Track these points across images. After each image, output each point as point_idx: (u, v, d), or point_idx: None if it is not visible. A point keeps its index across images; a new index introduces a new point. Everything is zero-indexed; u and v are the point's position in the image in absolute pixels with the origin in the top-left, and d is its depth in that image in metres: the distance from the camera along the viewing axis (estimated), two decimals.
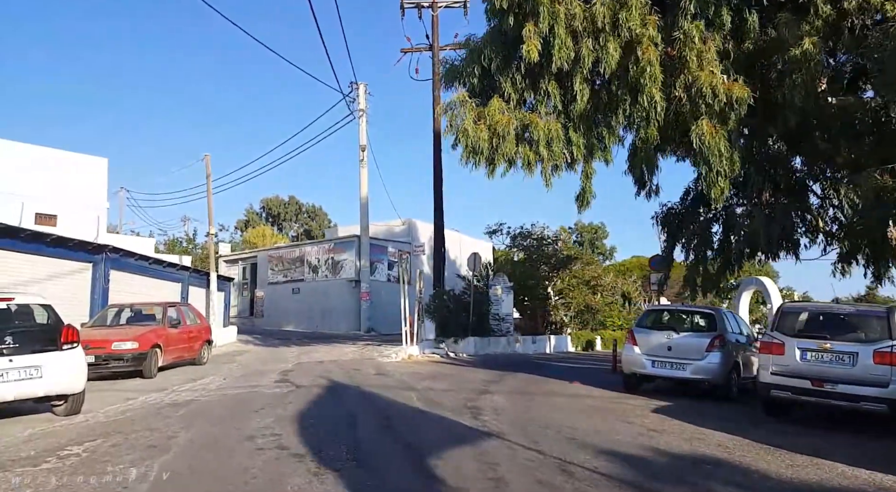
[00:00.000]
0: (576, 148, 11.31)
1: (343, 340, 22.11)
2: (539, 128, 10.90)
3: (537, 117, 11.03)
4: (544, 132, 10.87)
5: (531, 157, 10.94)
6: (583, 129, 11.34)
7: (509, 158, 11.00)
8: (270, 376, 11.89)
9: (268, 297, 30.42)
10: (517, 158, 11.07)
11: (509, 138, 10.77)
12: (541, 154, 10.91)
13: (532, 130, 10.89)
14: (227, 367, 14.07)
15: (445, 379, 12.07)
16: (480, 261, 21.45)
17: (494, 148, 10.83)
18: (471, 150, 10.86)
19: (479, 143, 10.72)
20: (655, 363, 10.86)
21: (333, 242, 28.09)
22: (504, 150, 10.80)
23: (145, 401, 9.11)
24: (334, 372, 12.49)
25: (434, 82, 23.99)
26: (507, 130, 10.76)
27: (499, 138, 10.78)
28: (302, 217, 68.63)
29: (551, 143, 10.88)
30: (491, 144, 10.82)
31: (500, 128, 10.77)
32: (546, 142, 10.88)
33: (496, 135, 10.81)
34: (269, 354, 17.23)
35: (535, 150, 10.96)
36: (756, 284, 24.12)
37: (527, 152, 10.95)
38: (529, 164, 11.02)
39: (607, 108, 11.24)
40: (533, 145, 10.98)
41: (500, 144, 10.76)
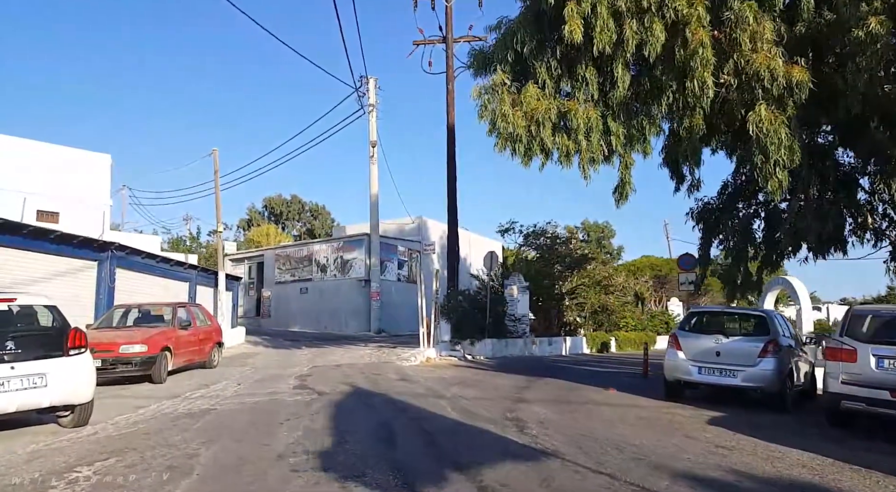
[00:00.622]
0: (615, 138, 10.58)
1: (354, 342, 21.41)
2: (578, 116, 10.18)
3: (576, 104, 10.31)
4: (583, 120, 10.15)
5: (570, 146, 10.21)
6: (622, 117, 10.62)
7: (546, 147, 10.28)
8: (288, 382, 11.19)
9: (275, 297, 29.72)
10: (554, 149, 10.34)
11: (547, 126, 10.06)
12: (579, 144, 10.19)
13: (571, 117, 10.17)
14: (239, 370, 13.37)
15: (473, 385, 11.36)
16: (497, 260, 20.72)
17: (532, 136, 10.11)
18: (507, 137, 10.15)
19: (517, 130, 10.00)
20: (702, 370, 10.13)
21: (342, 241, 27.37)
22: (541, 138, 10.08)
23: (158, 410, 8.40)
24: (354, 377, 11.78)
25: (448, 76, 23.29)
26: (546, 117, 10.05)
27: (536, 126, 10.07)
28: (305, 216, 68.04)
29: (590, 132, 10.17)
30: (528, 131, 10.10)
31: (538, 115, 10.06)
32: (585, 131, 10.16)
33: (534, 122, 10.10)
34: (281, 357, 16.52)
35: (574, 139, 10.23)
36: (782, 285, 23.35)
37: (564, 142, 10.23)
38: (568, 154, 10.29)
39: (648, 96, 10.52)
40: (571, 134, 10.26)
41: (538, 132, 10.05)
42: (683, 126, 10.65)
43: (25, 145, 23.37)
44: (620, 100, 10.59)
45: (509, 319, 20.85)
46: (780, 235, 12.17)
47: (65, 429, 7.20)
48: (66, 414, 7.26)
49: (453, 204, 21.94)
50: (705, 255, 13.85)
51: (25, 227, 13.47)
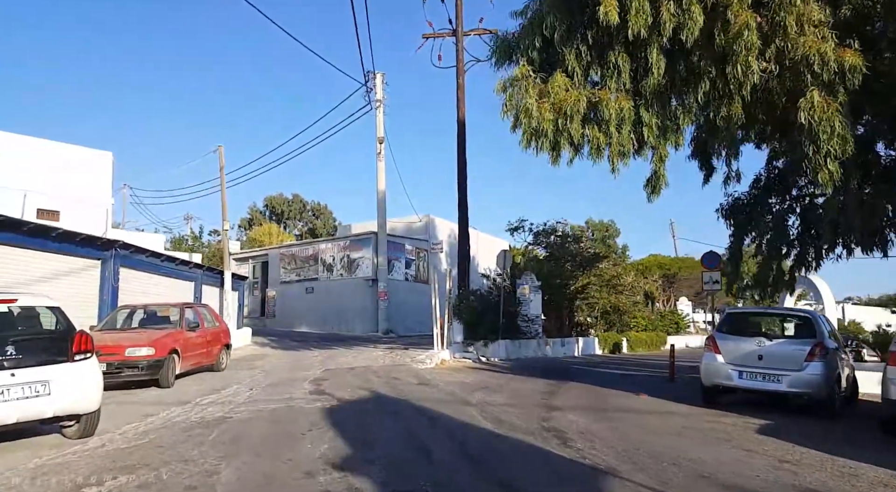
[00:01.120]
0: (647, 129, 10.01)
1: (363, 343, 20.86)
2: (609, 106, 9.61)
3: (607, 94, 9.74)
4: (615, 111, 9.58)
5: (601, 139, 9.64)
6: (656, 107, 10.05)
7: (575, 141, 9.71)
8: (302, 386, 10.62)
9: (279, 296, 29.16)
10: (584, 142, 9.77)
11: (576, 118, 9.49)
12: (611, 136, 9.62)
13: (602, 108, 9.59)
14: (248, 374, 12.81)
15: (497, 391, 10.79)
16: (511, 259, 20.16)
17: (560, 129, 9.54)
18: (533, 132, 9.57)
19: (543, 124, 9.43)
20: (743, 374, 9.56)
21: (349, 240, 26.79)
22: (571, 131, 9.52)
23: (168, 418, 7.84)
24: (372, 381, 11.22)
25: (458, 69, 22.72)
26: (575, 109, 9.47)
27: (565, 118, 9.50)
28: (306, 215, 67.51)
29: (622, 123, 9.60)
30: (556, 124, 9.53)
31: (567, 106, 9.49)
32: (617, 122, 9.60)
33: (562, 114, 9.53)
34: (290, 359, 15.96)
35: (605, 131, 9.66)
36: (805, 284, 22.90)
37: (595, 134, 9.65)
38: (598, 147, 9.72)
39: (684, 84, 9.94)
40: (602, 126, 9.69)
41: (567, 125, 9.48)
42: (720, 115, 10.05)
43: (25, 142, 22.81)
44: (653, 88, 10.01)
45: (522, 320, 20.30)
46: (819, 230, 11.59)
47: (69, 440, 6.64)
48: (70, 424, 6.71)
49: (464, 201, 21.37)
50: (737, 252, 13.26)
51: (26, 224, 12.91)
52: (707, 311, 57.01)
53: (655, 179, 10.11)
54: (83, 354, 6.65)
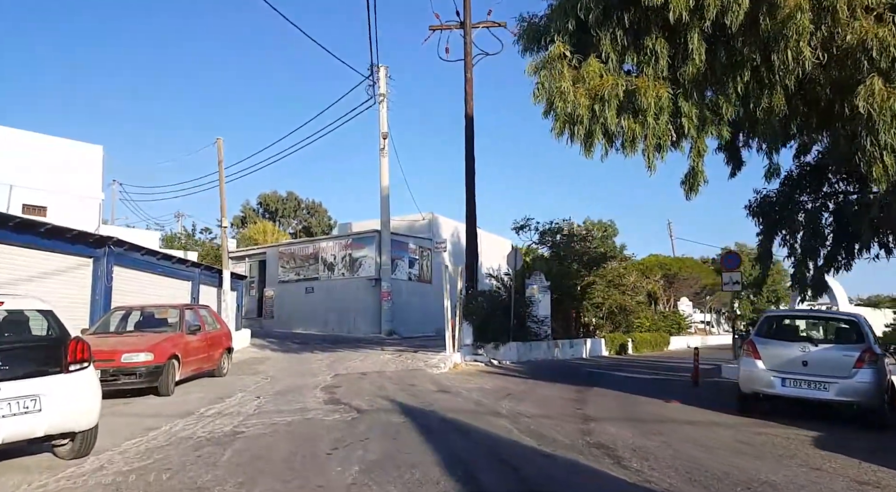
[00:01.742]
0: (686, 120, 9.34)
1: (367, 345, 20.10)
2: (647, 94, 8.93)
3: (645, 81, 9.05)
4: (654, 99, 8.90)
5: (636, 130, 8.95)
6: (696, 96, 9.38)
7: (609, 131, 9.02)
8: (314, 394, 9.88)
9: (278, 296, 28.33)
10: (619, 133, 9.08)
11: (613, 106, 8.81)
12: (648, 127, 8.94)
13: (640, 96, 8.91)
14: (252, 380, 12.04)
15: (522, 398, 10.08)
16: (521, 258, 19.47)
17: (595, 117, 8.86)
18: (567, 118, 8.88)
19: (579, 110, 8.74)
20: (787, 382, 8.90)
21: (351, 238, 26.00)
22: (607, 119, 8.83)
23: (173, 433, 7.08)
24: (388, 388, 10.49)
25: (466, 63, 22.00)
26: (613, 95, 8.80)
27: (601, 105, 8.81)
28: (301, 213, 66.48)
29: (660, 113, 8.93)
30: (591, 111, 8.84)
31: (603, 92, 8.81)
32: (655, 112, 8.92)
33: (598, 101, 8.84)
34: (294, 363, 15.19)
35: (642, 121, 8.98)
36: None
37: (630, 125, 8.96)
38: (634, 139, 9.03)
39: (725, 72, 9.27)
40: (638, 116, 9.00)
41: (602, 113, 8.80)
42: (761, 107, 9.41)
43: (10, 135, 21.83)
44: (692, 77, 9.36)
45: (532, 321, 19.64)
46: (856, 229, 10.98)
47: (63, 461, 5.87)
48: (64, 443, 5.94)
49: (472, 198, 20.67)
50: (766, 252, 12.64)
51: (12, 218, 12.06)
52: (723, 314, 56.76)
53: (693, 175, 9.44)
54: (79, 364, 5.89)
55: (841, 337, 9.22)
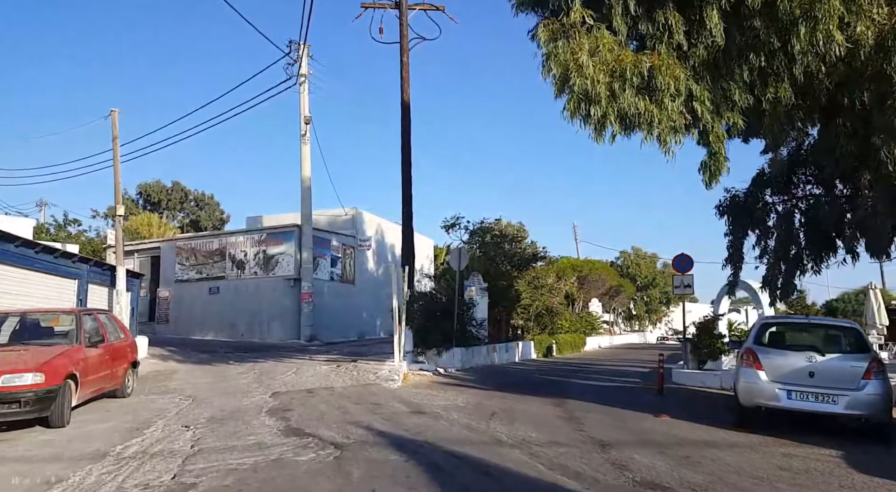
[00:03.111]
0: (699, 104, 8.38)
1: (290, 353, 17.97)
2: (663, 74, 7.88)
3: (659, 59, 7.99)
4: (671, 80, 7.87)
5: (654, 113, 7.87)
6: (708, 79, 8.46)
7: (629, 112, 7.88)
8: (263, 422, 7.97)
9: (175, 298, 25.20)
10: (634, 116, 7.94)
11: (632, 85, 7.69)
12: (666, 110, 7.90)
13: (656, 75, 7.84)
14: (169, 401, 9.84)
15: (510, 418, 8.71)
16: (467, 257, 18.18)
17: (614, 95, 7.69)
18: (582, 96, 7.64)
19: (597, 88, 7.53)
20: (793, 394, 8.21)
21: (266, 233, 23.50)
22: (626, 100, 7.69)
23: (85, 488, 5.07)
24: (352, 411, 8.75)
25: (402, 46, 20.35)
26: (636, 72, 7.67)
27: (622, 83, 7.66)
28: (188, 206, 61.37)
29: (676, 96, 7.92)
30: (610, 89, 7.66)
31: (624, 69, 7.66)
32: (672, 94, 7.90)
33: (618, 78, 7.68)
34: (212, 378, 12.92)
35: (659, 103, 7.92)
36: (743, 288, 22.75)
37: (648, 107, 7.87)
38: (651, 122, 7.93)
39: (740, 55, 8.42)
40: (655, 96, 7.93)
41: (622, 92, 7.66)
42: (767, 96, 8.67)
43: None
44: (703, 59, 8.46)
45: (472, 325, 18.39)
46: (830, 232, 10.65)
47: None
48: None
49: (408, 194, 19.08)
50: (737, 253, 12.13)
51: None
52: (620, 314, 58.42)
53: (715, 161, 8.48)
54: None
55: (845, 346, 8.67)
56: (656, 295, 65.09)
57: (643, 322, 65.38)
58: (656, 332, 65.82)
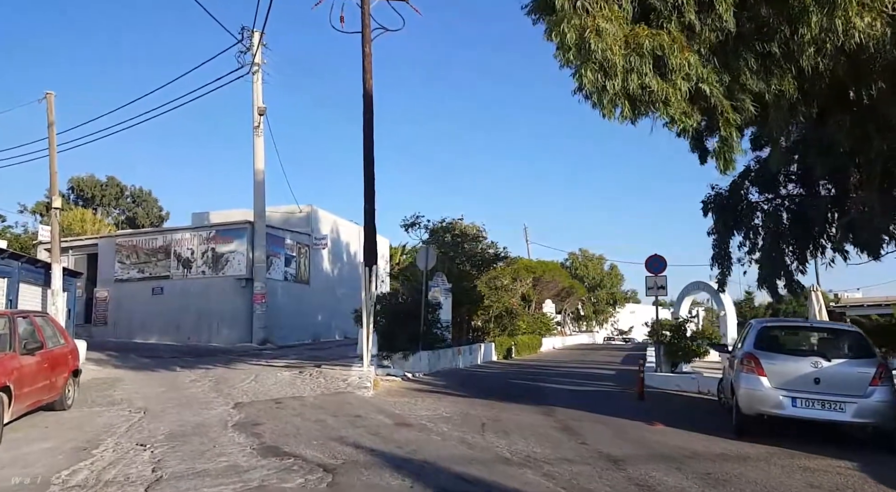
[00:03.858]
0: (707, 86, 7.92)
1: (243, 358, 16.80)
2: (676, 54, 7.41)
3: (668, 38, 7.51)
4: (683, 60, 7.41)
5: (669, 92, 7.38)
6: (716, 63, 8.01)
7: (632, 92, 7.36)
8: (232, 438, 7.05)
9: (114, 298, 23.45)
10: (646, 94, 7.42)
11: (649, 62, 7.19)
12: (680, 91, 7.43)
13: (669, 55, 7.36)
14: (117, 415, 8.73)
15: (505, 430, 8.07)
16: (434, 257, 17.47)
17: (629, 72, 7.16)
18: (599, 68, 7.07)
19: (614, 59, 6.98)
20: (798, 401, 7.91)
21: (215, 230, 22.09)
22: (638, 78, 7.17)
23: None
24: (331, 424, 7.91)
25: (364, 36, 19.31)
26: (657, 44, 7.18)
27: (640, 59, 7.15)
28: (124, 202, 58.33)
29: (688, 77, 7.48)
30: (627, 63, 7.13)
31: (642, 43, 7.14)
32: (684, 75, 7.44)
33: (635, 53, 7.16)
34: (163, 386, 11.76)
35: (672, 83, 7.44)
36: (703, 289, 22.95)
37: (661, 86, 7.38)
38: (666, 101, 7.43)
39: (747, 42, 8.06)
40: (668, 76, 7.45)
41: (640, 69, 7.14)
42: (772, 88, 8.34)
43: None
44: (711, 44, 8.06)
45: (437, 327, 17.72)
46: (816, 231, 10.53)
47: None
48: None
49: (370, 190, 18.11)
50: (724, 252, 11.88)
51: None
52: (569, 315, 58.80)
53: (727, 147, 8.01)
54: None
55: (849, 351, 8.40)
56: (604, 296, 66.11)
57: (590, 323, 66.24)
58: (602, 332, 66.91)
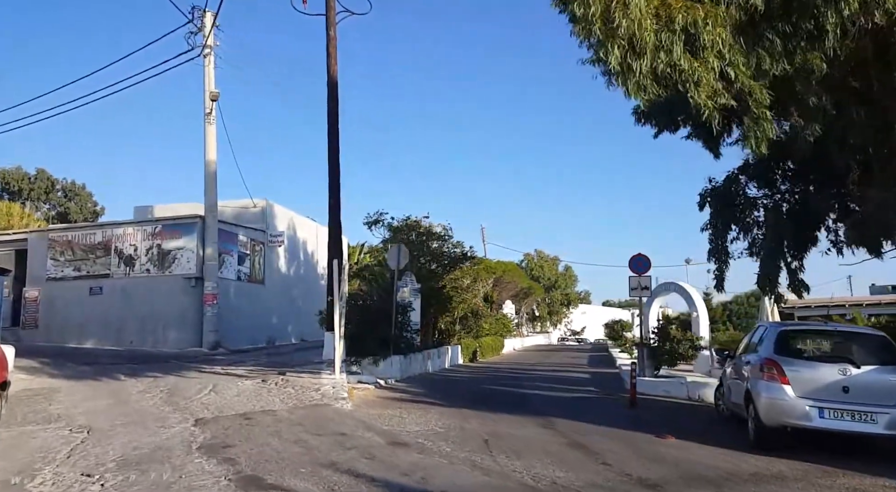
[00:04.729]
0: (733, 68, 7.26)
1: (194, 364, 15.35)
2: (709, 29, 6.73)
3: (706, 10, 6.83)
4: (717, 37, 6.73)
5: (700, 72, 6.66)
6: (742, 42, 7.36)
7: (662, 73, 6.65)
8: (202, 467, 5.89)
9: (46, 298, 21.36)
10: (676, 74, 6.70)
11: (681, 39, 6.49)
12: (714, 70, 6.75)
13: (701, 30, 6.67)
14: (54, 434, 7.39)
15: (514, 450, 7.18)
16: (407, 255, 16.47)
17: (658, 49, 6.42)
18: (626, 45, 6.29)
19: (644, 34, 6.22)
20: (826, 412, 7.35)
21: (161, 224, 20.37)
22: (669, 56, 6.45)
23: None
24: (314, 445, 6.83)
25: (328, 19, 18.23)
26: (692, 19, 6.48)
27: (671, 35, 6.41)
28: (55, 196, 54.83)
29: (720, 56, 6.81)
30: (657, 39, 6.39)
31: (673, 15, 6.42)
32: (717, 51, 6.77)
33: (667, 28, 6.43)
34: (105, 399, 10.31)
35: (703, 61, 6.75)
36: (673, 290, 22.67)
37: (692, 65, 6.67)
38: (697, 84, 6.72)
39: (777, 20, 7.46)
40: (700, 54, 6.75)
41: (670, 44, 6.42)
42: (796, 64, 7.76)
43: None
44: (736, 21, 7.42)
45: (407, 330, 16.73)
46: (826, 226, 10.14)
47: None
48: None
49: (335, 183, 17.05)
50: (721, 247, 11.37)
51: None
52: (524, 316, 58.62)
53: (759, 126, 7.34)
54: None
55: (878, 357, 7.83)
56: (558, 297, 66.44)
57: (545, 324, 66.45)
58: (556, 333, 67.28)
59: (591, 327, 71.88)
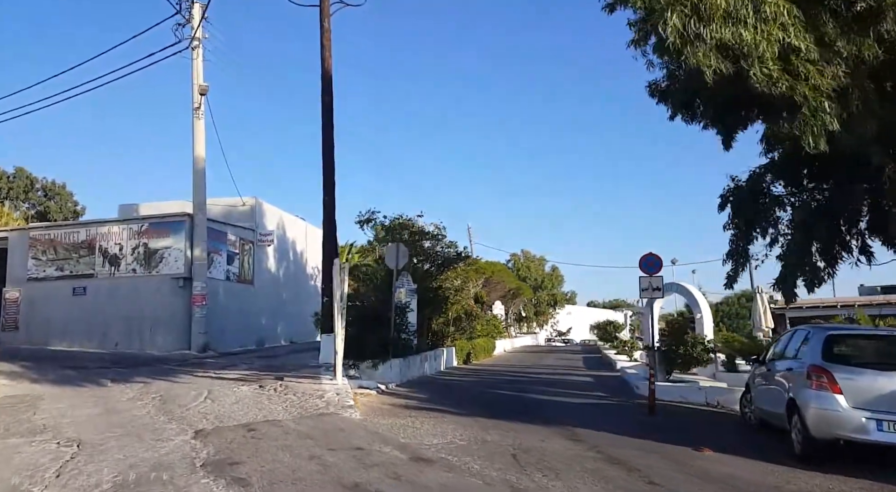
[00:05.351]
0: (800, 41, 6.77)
1: (185, 368, 14.65)
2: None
3: None
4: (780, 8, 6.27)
5: (764, 47, 6.18)
6: (800, 16, 6.86)
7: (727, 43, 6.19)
8: (207, 488, 5.30)
9: (27, 299, 20.46)
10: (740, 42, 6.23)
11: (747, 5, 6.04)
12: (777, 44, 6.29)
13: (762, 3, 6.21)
14: (40, 450, 6.73)
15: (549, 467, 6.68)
16: (406, 255, 15.89)
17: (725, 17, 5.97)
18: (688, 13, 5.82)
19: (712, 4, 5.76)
20: (885, 424, 6.86)
21: (148, 223, 19.57)
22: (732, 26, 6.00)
23: None
24: (332, 462, 6.25)
25: (322, 10, 17.70)
26: None
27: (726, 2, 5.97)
28: (34, 195, 53.48)
29: (784, 27, 6.35)
30: (727, 3, 5.94)
31: None
32: (780, 23, 6.31)
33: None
34: (93, 407, 9.62)
35: (765, 34, 6.28)
36: (675, 290, 22.34)
37: (755, 37, 6.18)
38: (761, 58, 6.23)
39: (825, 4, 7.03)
40: (762, 27, 6.27)
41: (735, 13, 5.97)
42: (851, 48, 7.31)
43: None
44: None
45: (406, 332, 16.16)
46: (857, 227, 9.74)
47: None
48: None
49: (330, 180, 16.54)
50: (742, 249, 10.93)
51: None
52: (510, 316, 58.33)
53: (816, 117, 6.86)
54: None
55: None
56: (545, 297, 66.17)
57: (531, 324, 66.21)
58: (542, 333, 67.11)
59: (577, 328, 71.79)
